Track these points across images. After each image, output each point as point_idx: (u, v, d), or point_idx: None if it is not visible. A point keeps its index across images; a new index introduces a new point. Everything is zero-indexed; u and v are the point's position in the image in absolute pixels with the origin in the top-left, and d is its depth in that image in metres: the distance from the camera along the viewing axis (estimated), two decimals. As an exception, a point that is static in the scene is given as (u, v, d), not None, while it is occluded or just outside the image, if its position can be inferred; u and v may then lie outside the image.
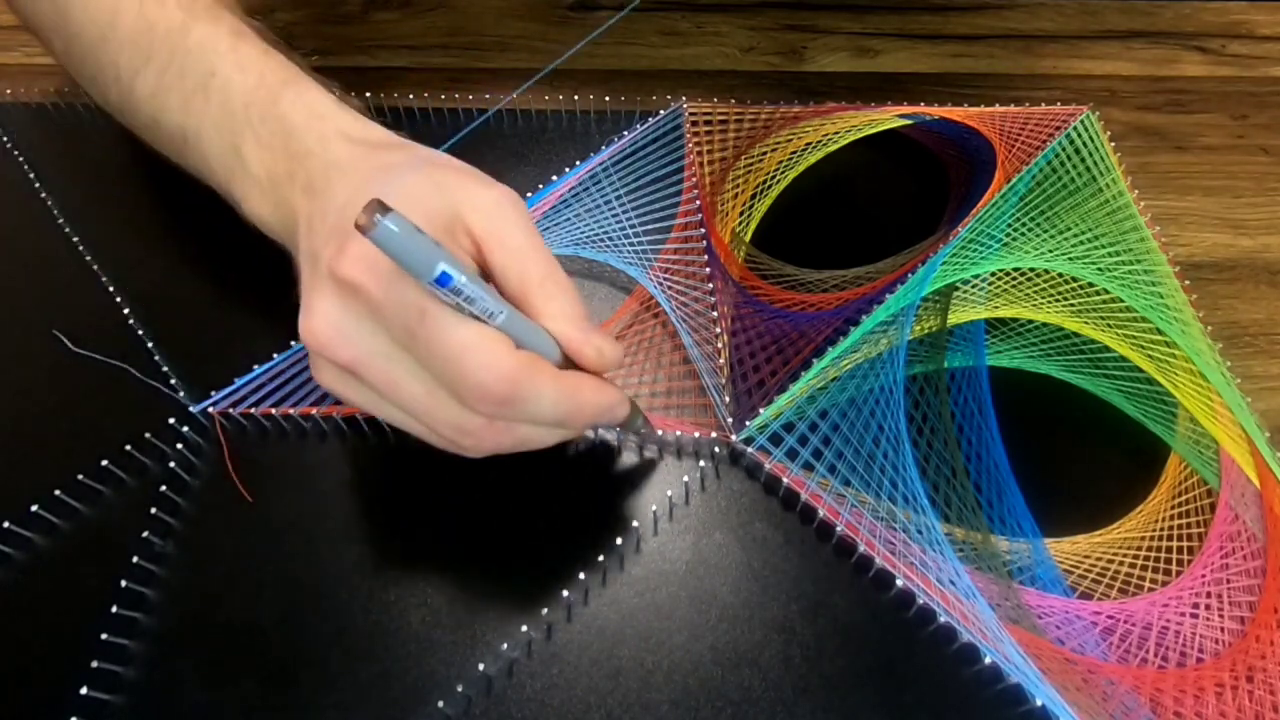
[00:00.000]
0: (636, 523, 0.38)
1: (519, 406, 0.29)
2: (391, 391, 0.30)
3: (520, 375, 0.28)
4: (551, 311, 0.30)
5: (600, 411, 0.32)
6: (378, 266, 0.27)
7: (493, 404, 0.29)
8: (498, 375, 0.28)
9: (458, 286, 0.27)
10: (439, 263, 0.26)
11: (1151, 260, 0.46)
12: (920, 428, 0.40)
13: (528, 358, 0.29)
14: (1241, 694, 0.34)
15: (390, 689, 0.34)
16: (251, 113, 0.35)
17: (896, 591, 0.36)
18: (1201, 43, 0.61)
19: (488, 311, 0.28)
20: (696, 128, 0.52)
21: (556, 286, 0.31)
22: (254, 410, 0.40)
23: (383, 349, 0.29)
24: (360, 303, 0.28)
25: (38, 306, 0.44)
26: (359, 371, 0.29)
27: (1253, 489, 0.39)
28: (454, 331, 0.28)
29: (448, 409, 0.30)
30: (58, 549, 0.37)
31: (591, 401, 0.31)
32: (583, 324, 0.31)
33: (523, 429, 0.31)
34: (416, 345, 0.28)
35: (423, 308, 0.27)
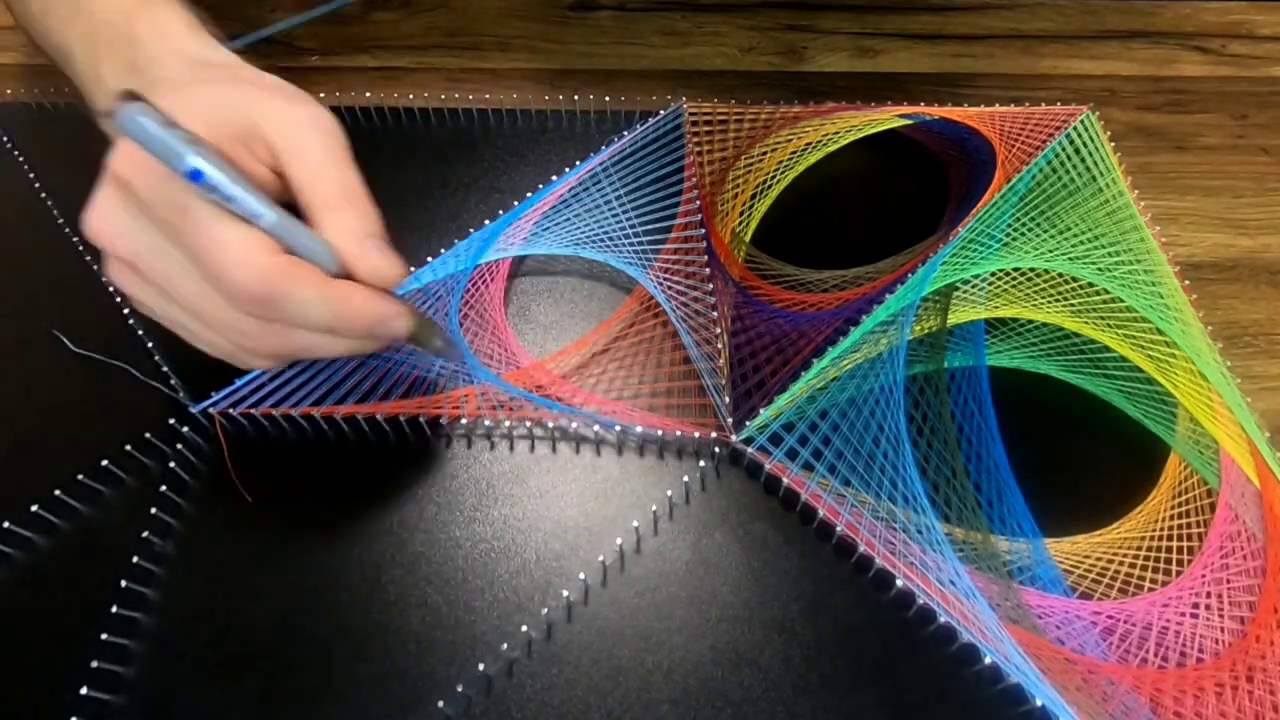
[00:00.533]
0: (636, 523, 0.38)
1: (279, 306, 0.29)
2: (168, 287, 0.30)
3: (276, 274, 0.28)
4: (337, 225, 0.30)
5: (375, 320, 0.32)
6: (145, 162, 0.28)
7: (250, 302, 0.29)
8: (251, 273, 0.28)
9: (212, 182, 0.27)
10: (190, 156, 0.26)
11: (1151, 260, 0.46)
12: (920, 428, 0.40)
13: (288, 260, 0.29)
14: (1241, 694, 0.34)
15: (390, 689, 0.34)
16: (110, 30, 0.36)
17: (896, 591, 0.36)
18: (1201, 43, 0.61)
19: (252, 213, 0.28)
20: (696, 128, 0.52)
21: (350, 203, 0.31)
22: (254, 410, 0.40)
23: (155, 244, 0.29)
24: (130, 197, 0.29)
25: (38, 306, 0.44)
26: (135, 265, 0.30)
27: (1253, 489, 0.39)
28: (211, 228, 0.28)
29: (222, 309, 0.30)
30: (58, 549, 0.37)
31: (363, 309, 0.31)
32: (366, 241, 0.31)
33: (299, 335, 0.31)
34: (180, 240, 0.28)
35: (185, 203, 0.28)
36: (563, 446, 0.40)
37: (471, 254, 0.46)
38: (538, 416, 0.40)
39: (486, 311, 0.44)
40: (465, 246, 0.46)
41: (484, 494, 0.39)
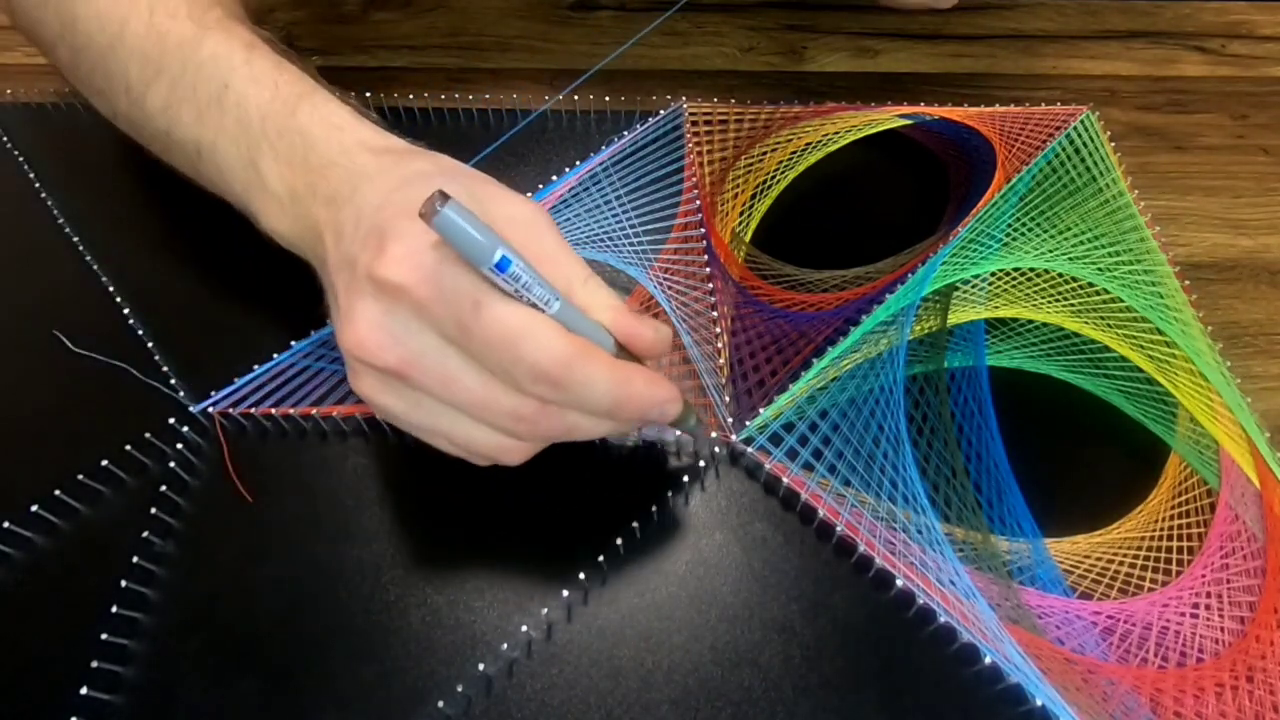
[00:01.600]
0: (636, 523, 0.38)
1: (574, 388, 0.29)
2: (444, 388, 0.30)
3: (575, 356, 0.29)
4: (599, 304, 0.31)
5: (652, 403, 0.32)
6: (422, 264, 0.28)
7: (549, 384, 0.29)
8: (554, 355, 0.28)
9: (516, 272, 0.27)
10: (499, 248, 0.26)
11: (1151, 260, 0.46)
12: (920, 428, 0.40)
13: (583, 341, 0.29)
14: (1241, 694, 0.34)
15: (390, 689, 0.34)
16: (268, 126, 0.34)
17: (896, 591, 0.36)
18: (1201, 43, 0.61)
19: (543, 299, 0.28)
20: (696, 128, 0.52)
21: (599, 285, 0.31)
22: (254, 410, 0.40)
23: (432, 346, 0.29)
24: (405, 303, 0.28)
25: (38, 306, 0.44)
26: (408, 373, 0.29)
27: (1253, 489, 0.39)
28: (510, 316, 0.28)
29: (502, 396, 0.30)
30: (58, 549, 0.37)
31: (643, 392, 0.31)
32: (631, 316, 0.32)
33: (572, 416, 0.31)
34: (469, 336, 0.28)
35: (476, 298, 0.28)
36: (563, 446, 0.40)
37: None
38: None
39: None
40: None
41: (483, 494, 0.39)
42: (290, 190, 0.34)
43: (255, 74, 0.36)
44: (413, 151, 0.34)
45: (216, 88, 0.36)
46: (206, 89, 0.36)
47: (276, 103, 0.35)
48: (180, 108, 0.37)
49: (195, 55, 0.36)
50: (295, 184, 0.33)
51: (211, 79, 0.36)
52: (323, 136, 0.33)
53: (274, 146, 0.34)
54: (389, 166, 0.32)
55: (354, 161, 0.32)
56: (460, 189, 0.30)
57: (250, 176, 0.35)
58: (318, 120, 0.34)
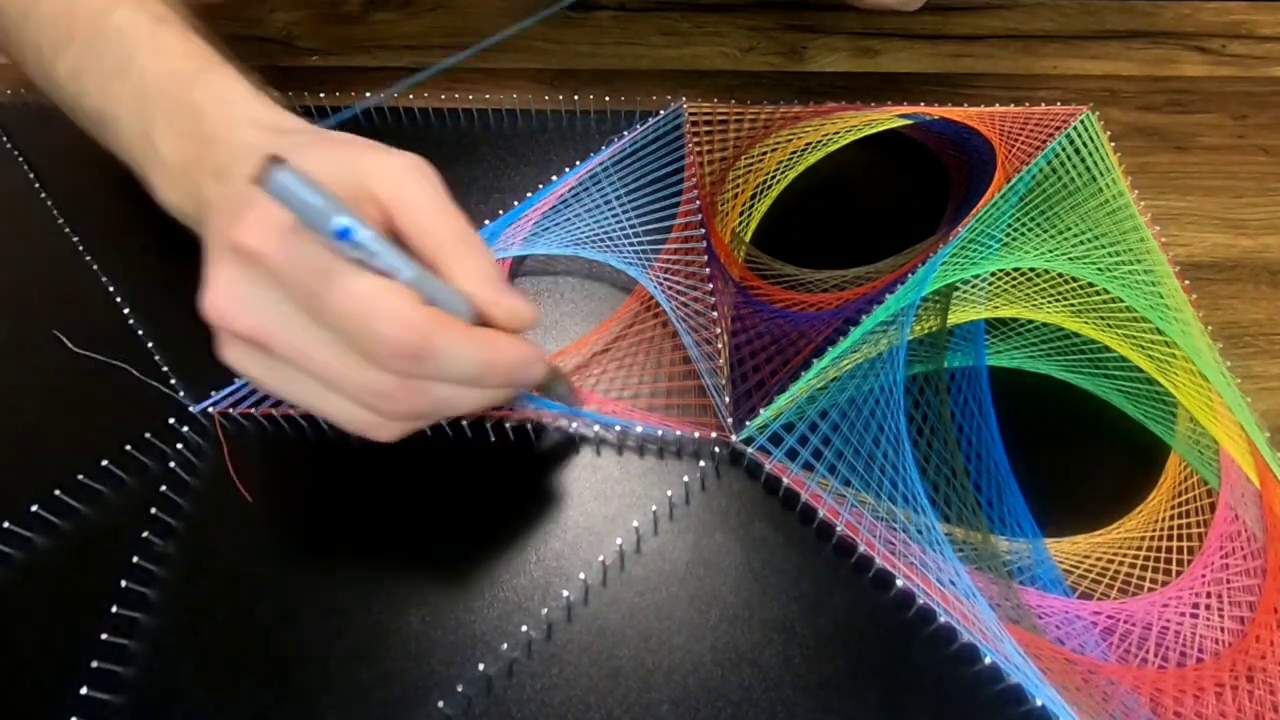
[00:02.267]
0: (636, 523, 0.38)
1: (430, 361, 0.28)
2: (299, 359, 0.29)
3: (429, 326, 0.28)
4: (464, 271, 0.30)
5: (515, 367, 0.31)
6: (275, 230, 0.27)
7: (403, 358, 0.28)
8: (405, 326, 0.27)
9: (359, 240, 0.26)
10: (337, 214, 0.26)
11: (1151, 260, 0.46)
12: (920, 428, 0.40)
13: (437, 312, 0.28)
14: (1241, 694, 0.34)
15: (390, 689, 0.34)
16: (164, 99, 0.35)
17: (896, 591, 0.36)
18: (1201, 43, 0.61)
19: (393, 268, 0.27)
20: (696, 128, 0.52)
21: (468, 247, 0.30)
22: (254, 410, 0.40)
23: (287, 315, 0.28)
24: (260, 269, 0.28)
25: (38, 306, 0.44)
26: (264, 340, 0.29)
27: (1253, 489, 0.39)
28: (358, 285, 0.27)
29: (359, 371, 0.29)
30: (58, 549, 0.37)
31: (506, 356, 0.30)
32: (496, 284, 0.30)
33: (438, 389, 0.30)
34: (321, 305, 0.28)
35: (325, 266, 0.27)
36: (562, 447, 0.40)
37: (471, 254, 0.46)
38: (537, 417, 0.40)
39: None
40: (465, 246, 0.46)
41: (484, 494, 0.39)
42: (181, 162, 0.34)
43: (159, 46, 0.36)
44: (299, 128, 0.34)
45: (121, 59, 0.36)
46: (112, 59, 0.36)
47: (175, 76, 0.35)
48: (86, 77, 0.37)
49: (103, 26, 0.37)
50: (186, 156, 0.34)
51: (117, 50, 0.36)
52: (214, 111, 0.34)
53: (168, 118, 0.34)
54: (268, 140, 0.32)
55: (239, 136, 0.33)
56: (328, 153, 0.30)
57: (146, 147, 0.35)
58: (211, 94, 0.34)
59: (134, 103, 0.36)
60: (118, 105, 0.36)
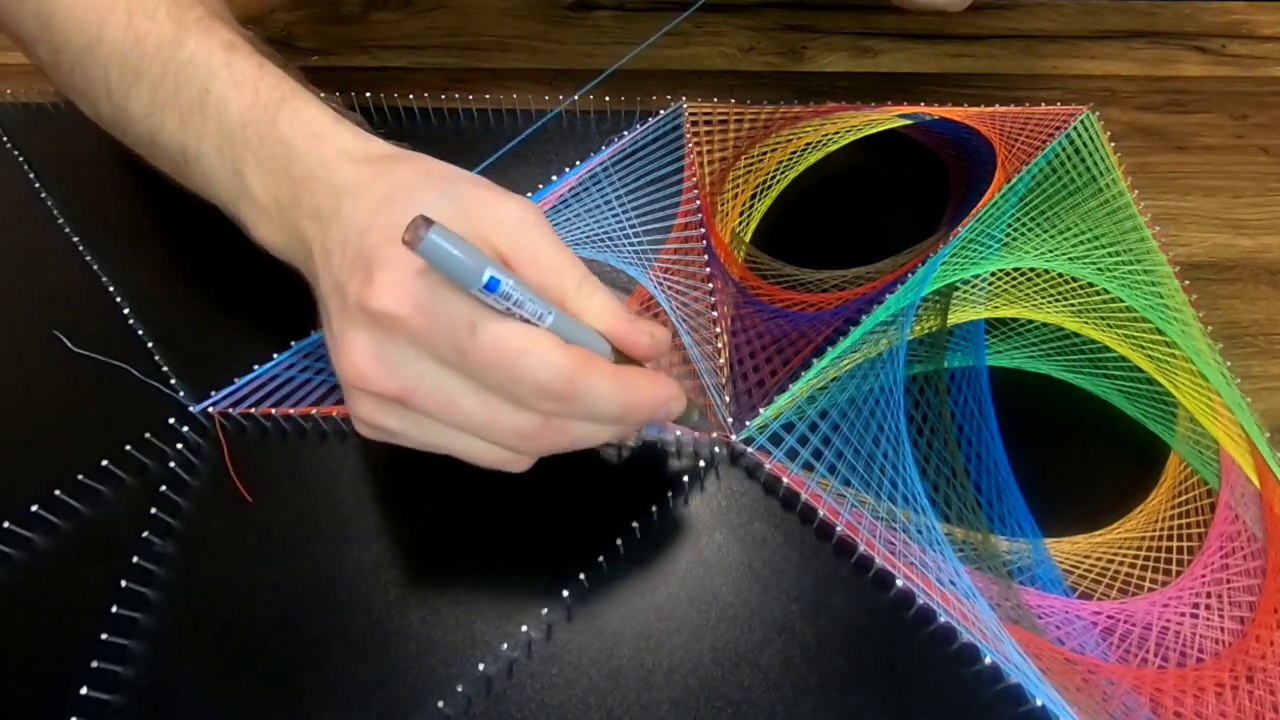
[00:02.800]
0: (636, 523, 0.38)
1: (578, 401, 0.29)
2: (446, 412, 0.29)
3: (577, 369, 0.28)
4: (594, 310, 0.30)
5: (657, 405, 0.31)
6: (412, 292, 0.27)
7: (553, 400, 0.28)
8: (556, 370, 0.28)
9: (507, 290, 0.27)
10: (487, 268, 0.26)
11: (1151, 260, 0.46)
12: (920, 428, 0.40)
13: (582, 352, 0.29)
14: (1241, 694, 0.34)
15: (390, 689, 0.34)
16: (249, 134, 0.34)
17: (896, 591, 0.36)
18: (1201, 43, 0.61)
19: (536, 314, 0.28)
20: (696, 128, 0.52)
21: (594, 288, 0.31)
22: (254, 410, 0.40)
23: (430, 372, 0.29)
24: (399, 332, 0.28)
25: (38, 306, 0.44)
26: (409, 400, 0.29)
27: (1253, 489, 0.39)
28: (507, 335, 0.27)
29: (506, 415, 0.29)
30: (58, 549, 0.37)
31: (648, 394, 0.31)
32: (626, 315, 0.31)
33: (578, 427, 0.31)
34: (467, 359, 0.28)
35: (470, 320, 0.27)
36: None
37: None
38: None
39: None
40: (465, 246, 0.46)
41: (484, 494, 0.39)
42: (276, 201, 0.33)
43: (236, 77, 0.35)
44: (396, 157, 0.33)
45: (198, 92, 0.35)
46: (188, 93, 0.35)
47: (257, 109, 0.34)
48: (163, 112, 0.36)
49: (175, 57, 0.35)
50: (280, 195, 0.33)
51: (192, 82, 0.35)
52: (303, 146, 0.33)
53: (256, 155, 0.33)
54: (370, 179, 0.31)
55: (335, 174, 0.32)
56: (443, 200, 0.29)
57: (236, 185, 0.34)
58: (298, 127, 0.33)
59: (217, 138, 0.34)
60: (200, 142, 0.35)
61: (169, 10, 0.37)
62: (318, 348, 0.41)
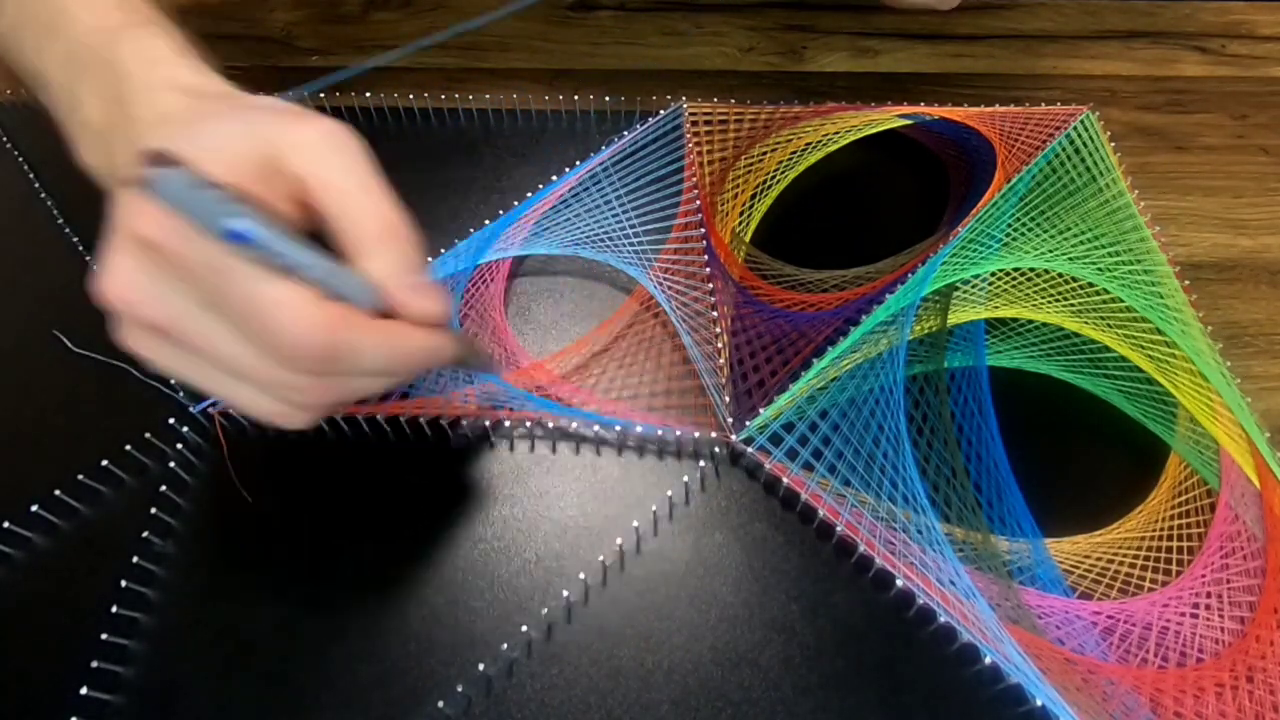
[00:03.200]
0: (636, 523, 0.38)
1: (339, 361, 0.27)
2: (211, 352, 0.28)
3: (335, 328, 0.27)
4: (379, 265, 0.28)
5: (425, 354, 0.30)
6: (175, 221, 0.26)
7: (312, 361, 0.27)
8: (311, 331, 0.26)
9: (255, 240, 0.25)
10: (226, 218, 0.24)
11: (1151, 260, 0.46)
12: (920, 428, 0.40)
13: (340, 309, 0.27)
14: (1241, 694, 0.34)
15: (390, 689, 0.34)
16: (89, 56, 0.33)
17: (896, 591, 0.36)
18: (1201, 43, 0.61)
19: (295, 264, 0.26)
20: (696, 128, 0.52)
21: (389, 236, 0.29)
22: (254, 410, 0.40)
23: (190, 308, 0.27)
24: (161, 260, 0.27)
25: (38, 306, 0.44)
26: (169, 331, 0.28)
27: (1253, 489, 0.39)
28: (257, 288, 0.26)
29: (271, 369, 0.28)
30: (58, 549, 0.37)
31: (416, 346, 0.30)
32: (407, 278, 0.29)
33: (350, 381, 0.30)
34: (224, 304, 0.26)
35: (227, 264, 0.26)
36: (563, 446, 0.40)
37: (471, 254, 0.46)
38: (538, 417, 0.40)
39: (486, 312, 0.44)
40: (465, 246, 0.46)
41: (484, 494, 0.39)
42: (102, 124, 0.32)
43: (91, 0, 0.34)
44: (220, 93, 0.32)
45: (53, 12, 0.34)
46: (46, 13, 0.35)
47: (102, 31, 0.33)
48: (23, 31, 0.36)
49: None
50: (107, 118, 0.32)
51: (51, 4, 0.34)
52: (136, 70, 0.32)
53: (92, 76, 0.33)
54: (186, 108, 0.30)
55: (157, 101, 0.31)
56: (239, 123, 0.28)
57: (72, 104, 0.33)
58: (136, 52, 0.32)
59: (62, 58, 0.34)
60: (47, 63, 0.34)
61: None
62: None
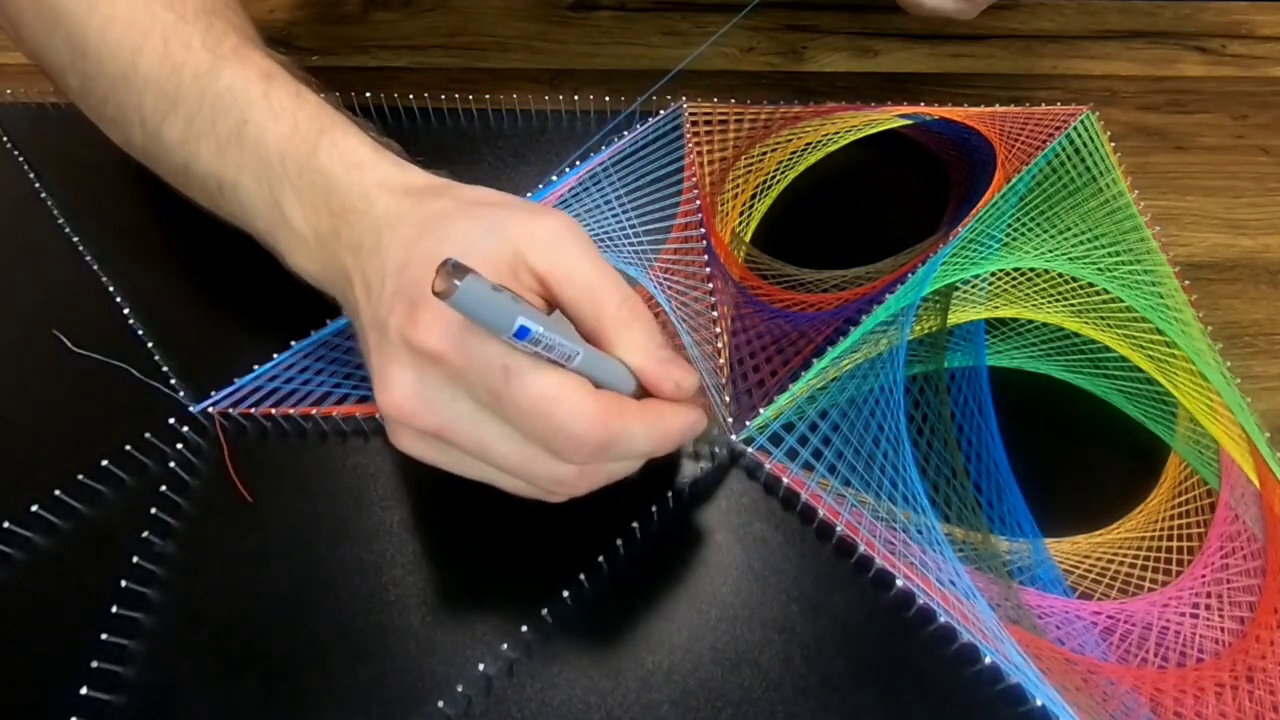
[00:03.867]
0: (636, 523, 0.38)
1: (612, 450, 0.29)
2: (482, 453, 0.30)
3: (610, 419, 0.28)
4: (626, 344, 0.30)
5: (685, 433, 0.32)
6: (454, 331, 0.27)
7: (588, 453, 0.29)
8: (590, 423, 0.28)
9: (537, 337, 0.26)
10: (518, 317, 0.26)
11: (1151, 260, 0.46)
12: (920, 428, 0.40)
13: (612, 398, 0.29)
14: (1241, 694, 0.34)
15: (390, 689, 0.34)
16: (288, 165, 0.33)
17: (896, 591, 0.36)
18: (1201, 43, 0.61)
19: (565, 355, 0.28)
20: (696, 128, 0.52)
21: (631, 315, 0.30)
22: (254, 410, 0.40)
23: (468, 412, 0.29)
24: (439, 369, 0.28)
25: (38, 306, 0.44)
26: (446, 437, 0.29)
27: (1253, 489, 0.39)
28: (539, 384, 0.27)
29: (542, 463, 0.29)
30: (58, 549, 0.37)
31: (677, 428, 0.31)
32: (658, 354, 0.31)
33: (613, 466, 0.32)
34: (502, 404, 0.28)
35: (505, 365, 0.27)
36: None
37: (471, 254, 0.46)
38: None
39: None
40: (465, 246, 0.46)
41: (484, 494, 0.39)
42: (315, 232, 0.33)
43: (274, 107, 0.34)
44: (433, 188, 0.32)
45: (235, 122, 0.34)
46: (225, 123, 0.34)
47: (296, 139, 0.33)
48: (199, 142, 0.35)
49: (212, 87, 0.35)
50: (320, 227, 0.33)
51: (229, 112, 0.34)
52: (343, 177, 0.32)
53: (295, 186, 0.33)
54: (409, 210, 0.31)
55: (374, 206, 0.32)
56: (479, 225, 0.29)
57: (275, 216, 0.34)
58: (337, 158, 0.33)
59: (255, 169, 0.34)
60: (238, 172, 0.34)
61: (204, 39, 0.36)
62: (318, 348, 0.41)
